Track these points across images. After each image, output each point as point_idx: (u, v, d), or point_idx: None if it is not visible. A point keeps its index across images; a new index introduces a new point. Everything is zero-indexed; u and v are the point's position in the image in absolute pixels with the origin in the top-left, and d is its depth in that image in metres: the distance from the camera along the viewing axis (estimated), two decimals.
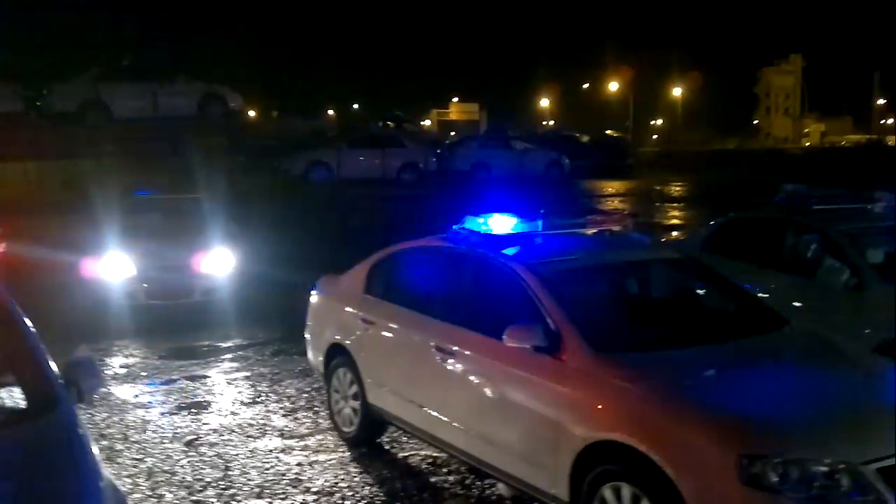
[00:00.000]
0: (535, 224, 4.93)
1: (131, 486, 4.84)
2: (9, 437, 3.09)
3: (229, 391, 6.80)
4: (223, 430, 5.80)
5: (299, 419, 6.01)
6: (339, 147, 21.97)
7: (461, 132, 41.83)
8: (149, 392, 6.77)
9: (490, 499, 4.62)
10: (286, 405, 6.35)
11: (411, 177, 21.70)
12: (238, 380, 7.11)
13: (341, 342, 5.59)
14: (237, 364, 7.63)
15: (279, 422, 5.97)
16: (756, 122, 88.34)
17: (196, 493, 4.77)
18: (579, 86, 66.93)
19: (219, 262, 9.42)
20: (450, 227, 5.10)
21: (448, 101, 62.84)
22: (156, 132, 18.32)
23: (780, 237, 6.85)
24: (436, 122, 56.90)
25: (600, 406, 3.69)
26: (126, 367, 7.55)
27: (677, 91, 63.54)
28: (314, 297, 6.17)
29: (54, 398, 3.31)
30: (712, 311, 4.84)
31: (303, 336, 6.26)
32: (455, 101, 62.75)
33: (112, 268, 9.11)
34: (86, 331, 8.07)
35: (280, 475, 4.99)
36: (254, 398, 6.56)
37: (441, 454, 5.05)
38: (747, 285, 5.34)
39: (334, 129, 29.80)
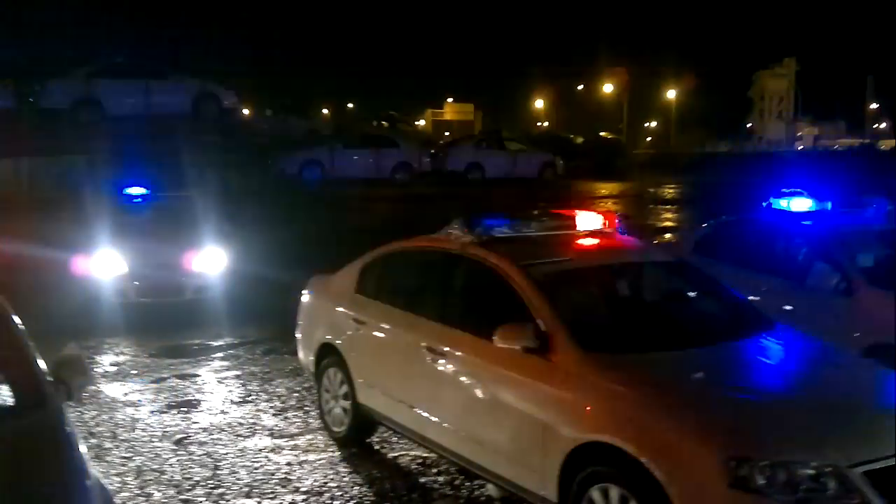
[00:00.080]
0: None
1: (120, 485, 4.83)
2: None
3: (219, 390, 6.78)
4: (213, 429, 5.78)
5: (289, 418, 6.00)
6: (332, 146, 21.93)
7: (456, 132, 41.90)
8: (139, 390, 6.74)
9: (479, 499, 4.63)
10: (276, 404, 6.34)
11: (405, 177, 21.69)
12: (228, 379, 7.09)
13: (332, 342, 5.58)
14: (228, 363, 7.61)
15: (269, 421, 5.96)
16: (749, 125, 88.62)
17: (185, 491, 4.76)
18: (574, 87, 67.09)
19: (210, 261, 9.40)
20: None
21: (443, 101, 62.91)
22: (149, 130, 18.24)
23: (772, 240, 6.89)
24: (430, 122, 56.98)
25: (589, 407, 3.70)
26: (116, 365, 7.53)
27: (671, 94, 63.72)
28: (305, 297, 6.17)
29: (42, 396, 3.30)
30: (702, 313, 4.86)
31: (294, 335, 6.25)
32: (450, 101, 62.83)
33: (103, 265, 9.09)
34: (76, 328, 8.04)
35: (269, 474, 4.98)
36: (244, 397, 6.55)
37: (431, 454, 5.06)
38: (738, 288, 5.36)
39: (329, 129, 29.75)
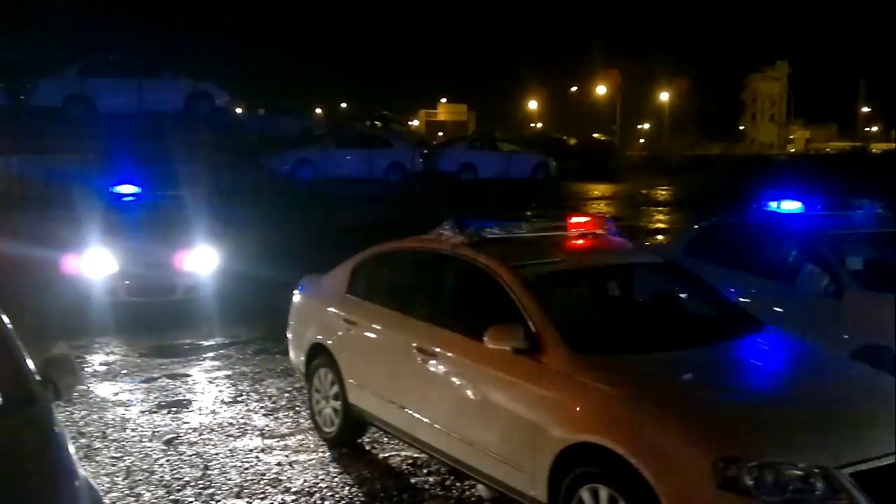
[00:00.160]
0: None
1: (109, 485, 4.81)
2: None
3: (210, 390, 6.76)
4: (203, 429, 5.77)
5: (280, 419, 5.99)
6: (325, 146, 21.91)
7: (449, 133, 41.93)
8: (129, 390, 6.72)
9: (470, 500, 4.63)
10: (267, 404, 6.32)
11: (397, 177, 21.68)
12: (219, 378, 7.07)
13: (323, 342, 5.57)
14: (219, 363, 7.59)
15: (260, 421, 5.94)
16: (742, 127, 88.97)
17: (174, 492, 4.75)
18: (567, 89, 67.22)
19: (202, 260, 9.38)
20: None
21: (437, 101, 62.98)
22: (142, 128, 18.19)
23: (762, 243, 6.92)
24: (424, 122, 57.01)
25: (579, 408, 3.70)
26: (106, 364, 7.50)
27: (664, 96, 63.87)
28: (296, 297, 6.16)
29: (30, 396, 3.29)
30: (692, 315, 4.87)
31: (285, 335, 6.23)
32: (443, 101, 62.88)
33: (94, 264, 9.05)
34: (66, 328, 8.03)
35: (260, 475, 4.97)
36: (235, 397, 6.53)
37: (421, 455, 5.06)
38: (729, 290, 5.38)
39: (322, 128, 29.70)
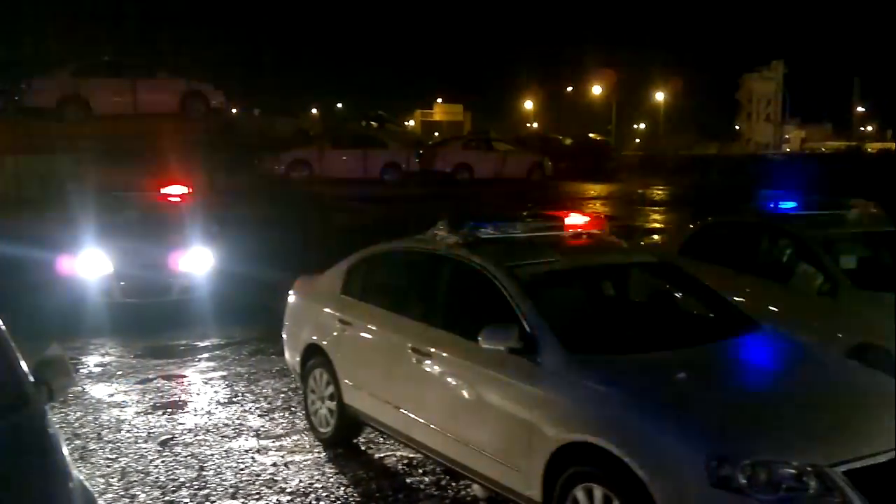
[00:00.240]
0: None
1: (104, 486, 4.81)
2: None
3: (205, 391, 6.76)
4: (198, 430, 5.76)
5: (275, 419, 5.99)
6: (321, 146, 21.88)
7: (445, 133, 41.92)
8: (124, 391, 6.71)
9: (465, 500, 4.63)
10: (263, 405, 6.32)
11: (393, 177, 21.68)
12: (214, 379, 7.06)
13: (318, 342, 5.57)
14: (214, 363, 7.58)
15: (255, 422, 5.94)
16: (737, 127, 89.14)
17: (170, 493, 4.74)
18: (563, 89, 67.24)
19: (197, 261, 9.37)
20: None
21: (432, 101, 62.90)
22: (136, 129, 18.14)
23: (757, 242, 6.93)
24: (419, 122, 56.95)
25: (574, 408, 3.71)
26: (101, 365, 7.48)
27: (660, 96, 63.98)
28: (292, 297, 6.15)
29: (24, 397, 3.28)
30: (687, 314, 4.88)
31: (280, 336, 6.23)
32: (439, 101, 62.80)
33: (89, 265, 9.03)
34: (61, 329, 8.01)
35: (255, 475, 4.97)
36: (230, 398, 6.52)
37: (417, 455, 5.06)
38: (724, 289, 5.39)
39: (317, 128, 29.68)
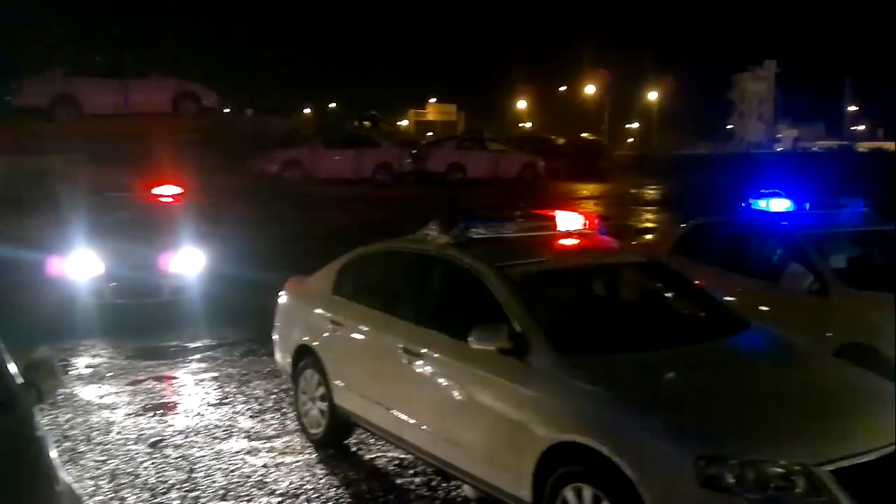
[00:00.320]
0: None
1: (94, 488, 4.79)
2: None
3: (196, 392, 6.74)
4: (189, 432, 5.74)
5: (266, 421, 5.98)
6: (313, 146, 21.82)
7: (439, 133, 41.88)
8: (114, 393, 6.68)
9: (455, 500, 4.63)
10: (254, 406, 6.30)
11: (386, 177, 21.64)
12: (206, 381, 7.04)
13: (309, 343, 5.56)
14: (205, 365, 7.56)
15: (246, 423, 5.92)
16: (730, 126, 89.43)
17: (160, 495, 4.73)
18: (556, 89, 67.31)
19: (188, 262, 9.34)
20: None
21: (425, 101, 62.85)
22: (128, 129, 18.08)
23: (747, 242, 6.95)
24: (413, 122, 56.88)
25: (563, 408, 3.71)
26: (92, 367, 7.45)
27: (653, 95, 64.13)
28: (282, 298, 6.14)
29: (11, 399, 3.26)
30: (677, 314, 4.89)
31: (272, 337, 6.22)
32: (433, 101, 62.73)
33: (80, 266, 9.00)
34: (51, 330, 7.98)
35: (245, 477, 4.96)
36: (221, 399, 6.51)
37: (407, 456, 5.05)
38: (715, 288, 5.40)
39: (310, 128, 29.58)
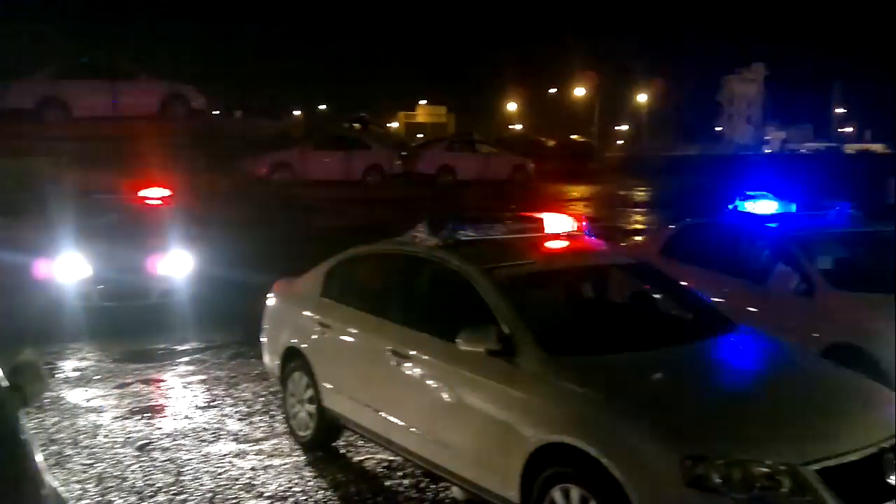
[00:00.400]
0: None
1: (80, 492, 4.76)
2: None
3: (184, 395, 6.71)
4: (177, 435, 5.72)
5: (255, 423, 5.95)
6: (303, 148, 21.79)
7: (429, 134, 41.91)
8: (102, 396, 6.64)
9: (444, 502, 4.63)
10: (242, 409, 6.28)
11: (376, 179, 21.64)
12: (194, 383, 7.01)
13: (297, 346, 5.55)
14: (193, 367, 7.52)
15: (234, 426, 5.90)
16: (719, 128, 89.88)
17: (147, 498, 4.71)
18: (546, 90, 67.44)
19: (177, 264, 9.30)
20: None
21: (416, 103, 62.84)
22: (116, 131, 17.99)
23: (735, 243, 6.98)
24: (403, 124, 56.88)
25: (551, 409, 3.72)
26: (79, 370, 7.40)
27: (643, 97, 64.36)
28: (271, 300, 6.13)
29: None
30: (665, 315, 4.91)
31: (260, 339, 6.20)
32: (423, 103, 62.74)
33: (67, 269, 8.94)
34: (38, 333, 7.91)
35: (233, 480, 4.94)
36: (209, 402, 6.48)
37: (396, 458, 5.05)
38: (703, 290, 5.42)
39: (300, 130, 29.53)
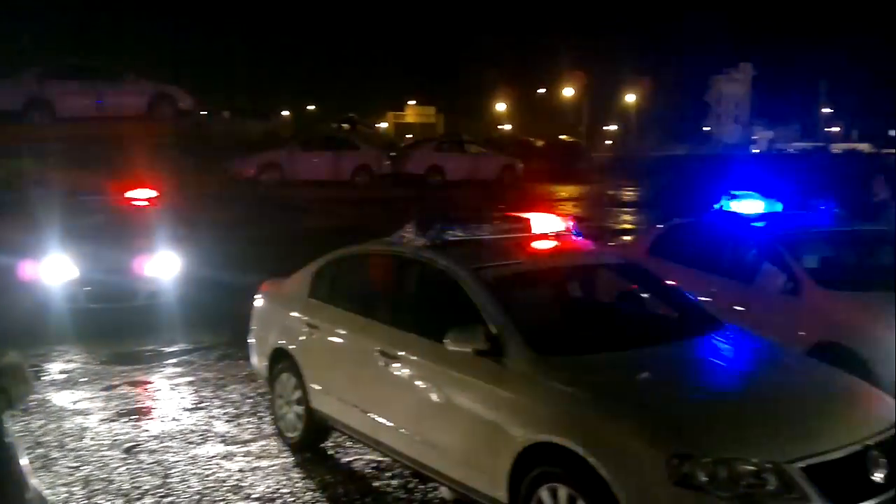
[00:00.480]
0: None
1: (67, 495, 4.73)
2: None
3: (172, 397, 6.67)
4: (164, 437, 5.69)
5: (243, 425, 5.93)
6: (291, 149, 21.74)
7: (418, 135, 41.92)
8: (88, 398, 6.60)
9: (432, 502, 4.63)
10: (230, 411, 6.26)
11: (364, 179, 21.61)
12: (181, 385, 6.98)
13: (285, 347, 5.54)
14: (181, 369, 7.49)
15: (222, 427, 5.88)
16: (707, 128, 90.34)
17: (134, 500, 4.68)
18: (535, 91, 67.60)
19: (164, 265, 9.25)
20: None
21: (404, 103, 62.83)
22: (102, 132, 17.89)
23: (721, 242, 7.01)
24: (392, 124, 56.87)
25: (539, 409, 3.72)
26: (65, 372, 7.35)
27: (631, 98, 64.61)
28: (259, 301, 6.11)
29: None
30: (652, 314, 4.93)
31: (248, 340, 6.17)
32: (412, 103, 62.74)
33: (53, 270, 8.87)
34: (24, 335, 7.86)
35: (220, 482, 4.92)
36: (197, 404, 6.45)
37: (385, 458, 5.04)
38: (691, 289, 5.44)
39: (288, 131, 29.47)
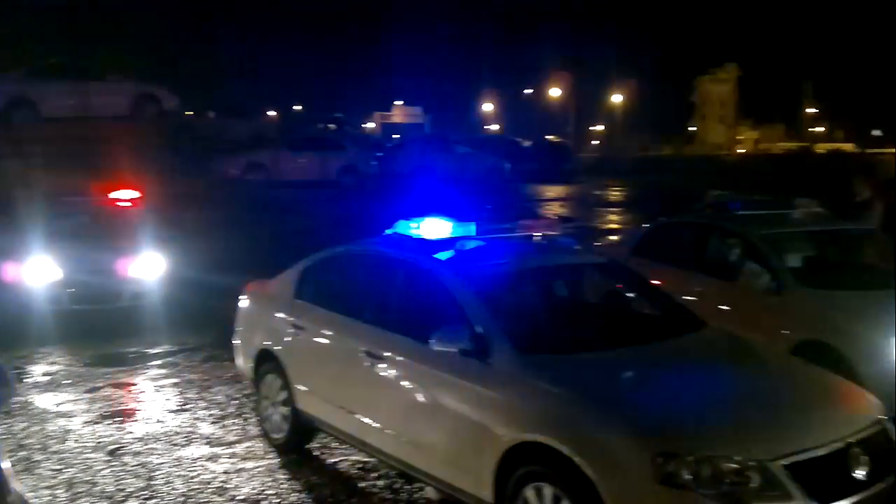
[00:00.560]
0: (469, 228, 4.97)
1: (50, 498, 4.68)
2: None
3: (156, 399, 6.64)
4: (148, 439, 5.65)
5: (228, 426, 5.91)
6: (277, 149, 21.65)
7: (405, 135, 41.89)
8: (72, 400, 6.55)
9: (418, 502, 4.63)
10: (215, 412, 6.23)
11: (351, 179, 21.56)
12: (166, 387, 6.94)
13: (271, 348, 5.52)
14: (165, 371, 7.45)
15: (207, 429, 5.85)
16: (693, 129, 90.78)
17: (118, 503, 4.65)
18: (521, 91, 67.75)
19: (148, 266, 9.19)
20: (382, 232, 5.26)
21: (392, 103, 62.85)
22: (86, 132, 17.74)
23: (705, 242, 7.06)
24: (379, 124, 56.85)
25: (524, 408, 3.73)
26: (48, 374, 7.30)
27: (617, 98, 64.87)
28: (244, 302, 6.08)
29: None
30: (636, 314, 4.95)
31: (233, 341, 6.15)
32: (399, 104, 62.74)
33: (36, 272, 8.80)
34: (7, 337, 7.81)
35: (205, 484, 4.90)
36: (181, 405, 6.42)
37: (370, 459, 5.03)
38: (675, 288, 5.48)
39: (275, 131, 29.35)
